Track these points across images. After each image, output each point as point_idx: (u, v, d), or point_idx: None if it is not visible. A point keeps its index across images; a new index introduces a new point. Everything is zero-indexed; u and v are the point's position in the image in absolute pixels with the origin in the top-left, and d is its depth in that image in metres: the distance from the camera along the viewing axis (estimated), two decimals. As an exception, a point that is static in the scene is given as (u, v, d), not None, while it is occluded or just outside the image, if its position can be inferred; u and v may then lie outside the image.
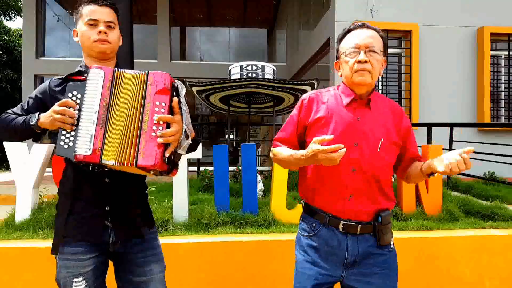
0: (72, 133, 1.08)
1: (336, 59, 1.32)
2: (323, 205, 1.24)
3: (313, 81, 4.03)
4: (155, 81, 1.09)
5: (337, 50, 1.30)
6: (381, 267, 1.21)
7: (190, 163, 3.07)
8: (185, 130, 1.12)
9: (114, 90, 1.10)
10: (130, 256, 1.28)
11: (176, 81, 1.15)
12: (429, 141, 4.34)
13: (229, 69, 4.61)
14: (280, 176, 2.80)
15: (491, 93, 5.88)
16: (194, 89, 4.36)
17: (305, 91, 4.26)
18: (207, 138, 11.05)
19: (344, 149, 1.01)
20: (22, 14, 9.70)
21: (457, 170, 1.04)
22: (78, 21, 1.29)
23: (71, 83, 1.14)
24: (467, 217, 2.89)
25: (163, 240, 1.45)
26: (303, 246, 1.28)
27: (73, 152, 1.06)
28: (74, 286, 1.20)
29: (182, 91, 1.16)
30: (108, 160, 1.06)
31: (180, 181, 2.72)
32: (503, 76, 6.10)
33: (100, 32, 1.24)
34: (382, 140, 1.20)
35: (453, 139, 4.61)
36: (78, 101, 1.10)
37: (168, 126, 1.09)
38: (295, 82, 4.11)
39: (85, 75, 1.13)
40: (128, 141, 1.07)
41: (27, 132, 1.17)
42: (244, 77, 4.26)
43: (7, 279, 2.22)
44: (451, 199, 3.14)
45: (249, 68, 4.38)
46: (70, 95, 1.11)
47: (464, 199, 3.18)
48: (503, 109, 6.10)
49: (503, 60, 6.10)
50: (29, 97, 1.28)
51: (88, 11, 1.25)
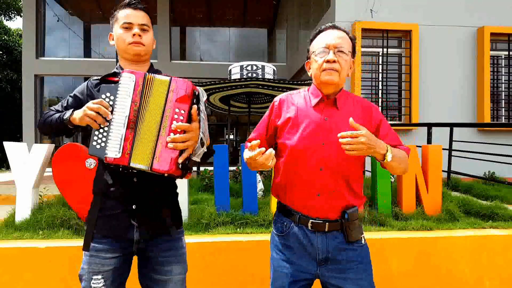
0: (105, 134, 1.12)
1: (307, 59, 1.35)
2: (293, 203, 1.28)
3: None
4: (177, 88, 1.12)
5: (308, 50, 1.34)
6: (355, 262, 1.24)
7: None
8: (201, 138, 1.16)
9: (144, 95, 1.13)
10: (154, 255, 1.30)
11: (198, 89, 1.19)
12: (429, 141, 4.33)
13: (229, 69, 4.61)
14: (280, 176, 2.80)
15: (491, 93, 5.88)
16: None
17: (305, 91, 4.26)
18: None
19: (262, 149, 1.09)
20: (22, 14, 9.70)
21: (353, 147, 1.08)
22: (114, 25, 1.33)
23: (104, 85, 1.18)
24: (467, 217, 2.89)
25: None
26: (278, 246, 1.32)
27: (104, 154, 1.11)
28: (93, 284, 1.22)
29: (203, 99, 1.21)
30: (136, 164, 1.10)
31: (180, 181, 2.71)
32: (503, 76, 6.10)
33: (135, 35, 1.27)
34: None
35: (453, 139, 4.61)
36: (111, 103, 1.14)
37: (185, 133, 1.13)
38: (295, 82, 4.11)
39: (119, 77, 1.17)
40: (148, 146, 1.11)
41: (61, 127, 1.22)
42: (244, 77, 4.27)
43: (7, 279, 2.22)
44: (451, 199, 3.14)
45: (249, 68, 4.39)
46: (104, 96, 1.15)
47: (464, 199, 3.18)
48: (503, 109, 6.10)
49: (503, 60, 6.10)
50: (69, 96, 1.34)
51: (124, 15, 1.29)
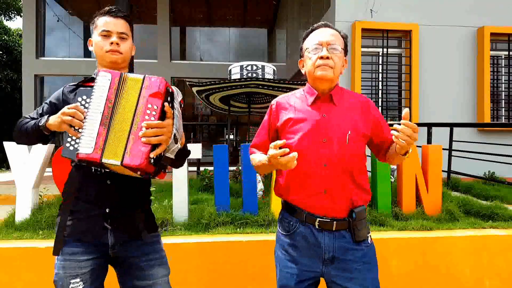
0: (78, 135, 1.11)
1: (300, 57, 1.36)
2: (299, 202, 1.28)
3: (313, 81, 4.02)
4: (150, 84, 1.12)
5: (301, 49, 1.35)
6: (361, 262, 1.24)
7: (190, 163, 3.07)
8: (175, 135, 1.15)
9: (119, 93, 1.13)
10: (133, 260, 1.28)
11: (173, 87, 1.19)
12: (429, 141, 4.33)
13: (229, 69, 4.61)
14: (280, 176, 2.80)
15: (491, 93, 5.88)
16: (194, 89, 4.36)
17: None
18: (207, 138, 11.05)
19: (294, 153, 1.05)
20: (22, 14, 9.69)
21: (407, 139, 1.07)
22: (94, 32, 1.33)
23: (82, 88, 1.18)
24: (467, 217, 2.89)
25: (163, 240, 1.45)
26: (283, 245, 1.32)
27: (76, 152, 1.09)
28: (71, 287, 1.20)
29: (178, 97, 1.21)
30: (109, 159, 1.08)
31: (180, 181, 2.72)
32: (503, 76, 6.10)
33: (112, 43, 1.29)
34: (350, 133, 1.24)
35: (453, 139, 4.61)
36: (87, 105, 1.13)
37: None
38: (295, 82, 4.10)
39: (95, 77, 1.17)
40: (120, 141, 1.09)
41: (37, 134, 1.21)
42: (244, 77, 4.26)
43: (7, 279, 2.22)
44: (451, 199, 3.14)
45: (249, 68, 4.38)
46: (80, 99, 1.15)
47: (464, 199, 3.18)
48: (503, 109, 6.10)
49: (503, 60, 6.10)
50: (45, 103, 1.33)
51: (103, 23, 1.30)
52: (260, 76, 4.33)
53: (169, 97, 1.15)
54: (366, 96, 1.40)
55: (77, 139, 1.11)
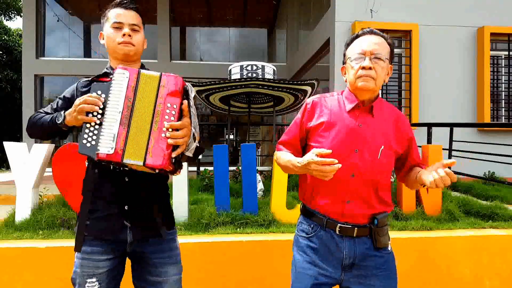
0: (95, 132, 1.10)
1: (343, 64, 1.32)
2: (321, 208, 1.25)
3: (313, 81, 4.03)
4: (168, 83, 1.11)
5: (344, 55, 1.31)
6: (381, 269, 1.22)
7: (190, 163, 3.06)
8: (193, 133, 1.15)
9: (139, 91, 1.12)
10: (147, 256, 1.28)
11: (187, 84, 1.18)
12: (429, 141, 4.34)
13: (229, 69, 4.61)
14: (280, 176, 2.80)
15: (491, 93, 5.87)
16: (194, 89, 4.36)
17: (305, 91, 4.26)
18: (207, 138, 11.05)
19: (338, 165, 1.03)
20: (22, 14, 9.69)
21: (442, 186, 1.06)
22: (105, 24, 1.31)
23: (95, 83, 1.16)
24: (467, 217, 2.89)
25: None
26: (302, 247, 1.29)
27: (95, 151, 1.08)
28: (87, 287, 1.20)
29: (192, 94, 1.20)
30: (130, 160, 1.08)
31: (180, 181, 2.72)
32: (503, 76, 6.09)
33: (125, 35, 1.26)
34: (383, 148, 1.21)
35: (453, 139, 4.61)
36: (103, 100, 1.12)
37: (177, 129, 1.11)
38: (295, 82, 4.10)
39: (111, 77, 1.15)
40: (142, 141, 1.09)
41: (54, 130, 1.21)
42: (244, 77, 4.26)
43: (7, 279, 2.22)
44: (451, 199, 3.14)
45: (249, 68, 4.38)
46: (94, 95, 1.13)
47: (464, 199, 3.18)
48: (503, 109, 6.10)
49: (503, 60, 6.10)
50: (59, 98, 1.32)
51: (114, 15, 1.28)
52: (260, 76, 4.33)
53: (185, 95, 1.15)
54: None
55: (94, 136, 1.09)
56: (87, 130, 1.11)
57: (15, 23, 43.64)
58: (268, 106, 5.34)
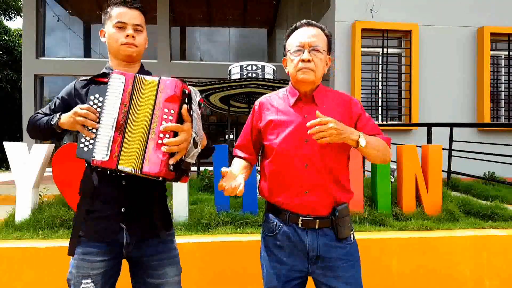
0: (92, 136, 1.09)
1: (284, 56, 1.36)
2: (282, 202, 1.28)
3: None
4: (165, 88, 1.09)
5: (284, 47, 1.34)
6: (344, 260, 1.24)
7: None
8: (194, 139, 1.12)
9: (134, 97, 1.10)
10: (146, 259, 1.27)
11: (190, 88, 1.15)
12: (429, 141, 4.33)
13: (229, 69, 4.61)
14: (280, 176, 2.80)
15: (491, 93, 5.88)
16: (196, 89, 4.36)
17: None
18: (207, 138, 11.05)
19: (234, 186, 1.10)
20: (22, 14, 9.69)
21: (319, 134, 1.08)
22: (106, 22, 1.27)
23: (94, 86, 1.14)
24: (467, 217, 2.89)
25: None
26: (268, 246, 1.32)
27: (91, 156, 1.07)
28: (82, 287, 1.20)
29: (196, 98, 1.17)
30: (125, 167, 1.07)
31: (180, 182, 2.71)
32: (503, 76, 6.10)
33: (128, 36, 1.24)
34: None
35: (453, 139, 4.61)
36: (100, 104, 1.11)
37: (177, 134, 1.08)
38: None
39: (108, 78, 1.13)
40: (137, 148, 1.07)
41: (49, 132, 1.19)
42: (244, 77, 4.26)
43: (7, 279, 2.22)
44: (451, 199, 3.14)
45: (249, 68, 4.38)
46: (93, 98, 1.11)
47: (464, 199, 3.18)
48: (503, 109, 6.10)
49: (503, 60, 6.10)
50: (57, 97, 1.30)
51: (117, 13, 1.24)
52: (260, 76, 4.33)
53: (187, 99, 1.11)
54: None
55: (91, 140, 1.09)
56: (84, 134, 1.10)
57: (15, 23, 43.66)
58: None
